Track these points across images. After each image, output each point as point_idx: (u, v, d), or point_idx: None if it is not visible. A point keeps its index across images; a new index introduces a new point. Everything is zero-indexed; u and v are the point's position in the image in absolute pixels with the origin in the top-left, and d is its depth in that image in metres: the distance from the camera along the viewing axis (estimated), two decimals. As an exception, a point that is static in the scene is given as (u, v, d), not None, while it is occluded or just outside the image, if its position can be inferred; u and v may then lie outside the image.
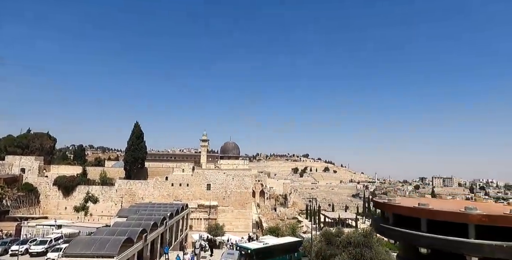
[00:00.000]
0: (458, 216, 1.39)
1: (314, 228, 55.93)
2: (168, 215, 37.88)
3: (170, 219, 38.61)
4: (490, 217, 1.33)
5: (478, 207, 1.64)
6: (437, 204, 1.64)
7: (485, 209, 1.47)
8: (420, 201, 1.58)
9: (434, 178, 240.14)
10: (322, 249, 29.98)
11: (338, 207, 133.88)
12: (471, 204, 1.63)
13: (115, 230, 27.56)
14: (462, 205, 1.54)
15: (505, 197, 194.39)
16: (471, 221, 1.45)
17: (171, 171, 71.95)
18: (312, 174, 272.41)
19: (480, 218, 1.32)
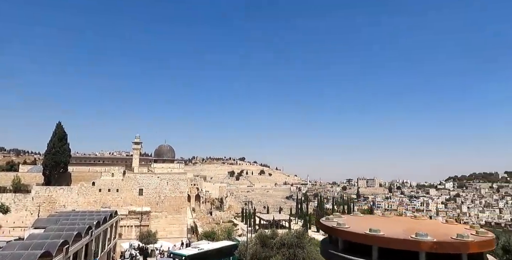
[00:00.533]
0: (410, 244, 1.43)
1: (250, 231, 56.41)
2: (95, 224, 34.97)
3: (97, 228, 35.68)
4: (440, 244, 1.39)
5: (420, 226, 1.68)
6: (385, 226, 1.67)
7: (429, 229, 1.54)
8: (371, 225, 1.57)
9: (359, 180, 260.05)
10: (257, 252, 30.35)
11: (273, 209, 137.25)
12: (414, 222, 1.68)
13: (29, 244, 24.50)
14: (408, 226, 1.58)
15: (417, 195, 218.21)
16: (423, 249, 1.49)
17: (98, 175, 66.68)
18: (248, 177, 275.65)
19: (432, 245, 1.38)
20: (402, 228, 1.69)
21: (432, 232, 1.62)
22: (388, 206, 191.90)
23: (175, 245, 45.54)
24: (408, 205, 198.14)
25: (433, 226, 1.82)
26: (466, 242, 1.44)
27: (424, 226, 1.83)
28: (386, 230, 1.59)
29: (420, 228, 1.75)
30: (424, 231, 1.62)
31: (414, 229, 1.66)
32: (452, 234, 1.55)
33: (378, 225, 1.81)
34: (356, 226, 1.70)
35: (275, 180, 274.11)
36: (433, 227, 1.77)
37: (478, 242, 1.48)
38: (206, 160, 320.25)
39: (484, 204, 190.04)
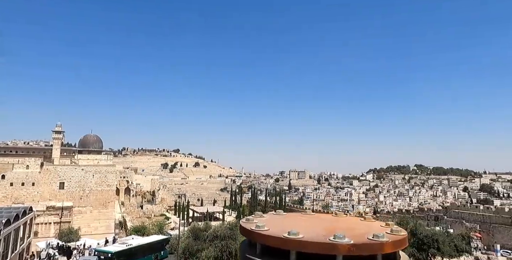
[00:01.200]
0: (328, 247, 1.42)
1: (182, 224, 55.54)
2: (3, 222, 31.16)
3: (6, 227, 31.86)
4: (357, 246, 1.41)
5: (339, 225, 1.72)
6: (305, 226, 1.65)
7: (347, 229, 1.57)
8: (291, 226, 1.52)
9: (291, 172, 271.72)
10: (190, 245, 30.04)
11: (207, 201, 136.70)
12: (334, 221, 1.72)
13: None
14: (328, 226, 1.59)
15: (342, 186, 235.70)
16: (340, 252, 1.48)
17: (10, 167, 59.39)
18: (183, 170, 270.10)
19: (348, 248, 1.39)
20: (322, 229, 1.70)
21: (349, 232, 1.66)
22: (316, 196, 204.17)
23: (98, 243, 42.75)
24: (334, 195, 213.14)
25: (351, 224, 1.88)
26: (381, 243, 1.51)
27: (343, 225, 1.88)
28: (305, 231, 1.58)
29: (339, 228, 1.79)
30: (342, 232, 1.66)
31: (333, 230, 1.69)
32: (369, 233, 1.61)
33: (299, 225, 1.80)
34: (275, 228, 1.67)
35: (210, 172, 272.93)
36: (351, 226, 1.83)
37: (392, 242, 1.56)
38: (138, 152, 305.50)
39: (397, 194, 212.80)
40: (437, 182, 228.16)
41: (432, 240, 32.99)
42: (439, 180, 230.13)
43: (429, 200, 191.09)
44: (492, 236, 52.57)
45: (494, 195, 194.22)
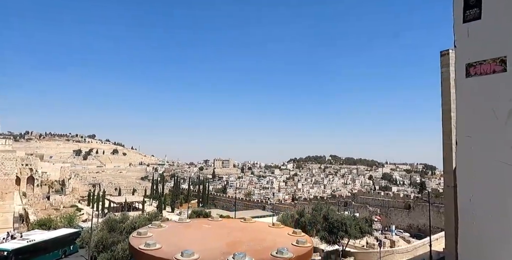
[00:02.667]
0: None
1: (96, 215, 51.80)
2: None
3: None
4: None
5: (246, 233, 1.57)
6: (205, 239, 1.43)
7: (252, 240, 1.45)
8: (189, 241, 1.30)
9: (215, 160, 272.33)
10: (104, 238, 28.21)
11: (126, 190, 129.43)
12: (241, 230, 1.57)
13: None
14: (232, 238, 1.42)
15: (264, 175, 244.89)
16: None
17: None
18: (99, 157, 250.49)
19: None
20: (224, 243, 1.52)
21: (253, 247, 1.52)
22: (239, 185, 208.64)
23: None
24: (257, 183, 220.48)
25: (258, 234, 1.74)
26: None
27: (248, 235, 1.73)
28: (204, 248, 1.39)
29: (243, 240, 1.63)
30: (246, 247, 1.50)
31: (236, 244, 1.52)
32: (274, 247, 1.48)
33: (199, 239, 1.59)
34: (170, 245, 1.43)
35: (130, 160, 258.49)
36: (257, 236, 1.69)
37: (296, 257, 1.46)
38: (44, 136, 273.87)
39: (313, 182, 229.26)
40: (348, 171, 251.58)
41: (341, 224, 36.27)
42: (350, 170, 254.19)
43: (340, 188, 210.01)
44: (389, 218, 60.11)
45: (393, 182, 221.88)
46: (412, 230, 55.04)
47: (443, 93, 22.18)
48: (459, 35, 2.34)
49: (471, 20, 2.30)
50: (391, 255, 37.62)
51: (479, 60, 2.17)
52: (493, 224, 1.95)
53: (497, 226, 1.93)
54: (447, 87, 21.83)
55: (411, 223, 57.33)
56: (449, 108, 21.62)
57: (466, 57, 2.26)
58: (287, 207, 78.09)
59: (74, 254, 35.47)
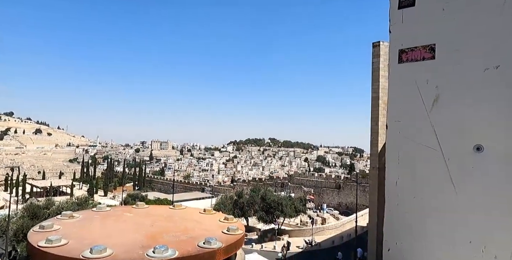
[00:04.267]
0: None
1: (15, 202, 47.13)
2: None
3: None
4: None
5: (173, 222, 1.45)
6: (123, 230, 1.26)
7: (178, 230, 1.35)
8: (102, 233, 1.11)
9: (153, 142, 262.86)
10: (25, 226, 25.94)
11: (51, 174, 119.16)
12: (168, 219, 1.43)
13: None
14: (154, 228, 1.28)
15: (204, 157, 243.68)
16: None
17: None
18: (18, 137, 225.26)
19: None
20: (144, 234, 1.36)
21: (179, 237, 1.38)
22: (178, 167, 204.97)
23: None
24: (196, 166, 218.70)
25: (187, 222, 1.61)
26: (213, 251, 1.31)
27: (175, 224, 1.58)
28: (120, 242, 1.22)
29: (168, 230, 1.48)
30: (169, 238, 1.36)
31: (158, 235, 1.37)
32: (202, 236, 1.37)
33: (116, 231, 1.40)
34: (79, 240, 1.23)
35: (56, 141, 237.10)
36: (185, 225, 1.55)
37: (225, 247, 1.37)
38: None
39: (253, 164, 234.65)
40: (285, 153, 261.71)
41: (278, 204, 37.88)
42: (287, 152, 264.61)
43: (278, 169, 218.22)
44: (322, 197, 64.34)
45: (326, 164, 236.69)
46: (341, 208, 59.72)
47: (373, 82, 23.83)
48: (394, 20, 2.37)
49: (405, 7, 2.34)
50: (322, 231, 40.53)
51: (411, 46, 2.23)
52: (414, 206, 2.07)
53: (418, 207, 2.05)
54: (377, 76, 23.46)
55: (340, 201, 62.09)
56: (377, 95, 23.34)
57: (399, 43, 2.31)
58: (226, 189, 79.11)
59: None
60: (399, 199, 2.16)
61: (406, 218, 2.13)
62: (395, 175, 2.18)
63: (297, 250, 33.65)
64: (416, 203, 2.12)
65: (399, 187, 2.16)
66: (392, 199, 2.19)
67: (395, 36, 2.29)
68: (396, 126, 2.20)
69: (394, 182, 2.18)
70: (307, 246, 35.34)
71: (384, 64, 23.38)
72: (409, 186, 2.15)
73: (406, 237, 2.13)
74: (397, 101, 2.25)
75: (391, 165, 2.26)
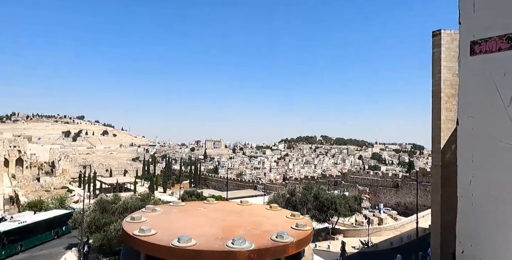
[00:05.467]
0: (224, 257, 1.23)
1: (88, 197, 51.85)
2: None
3: None
4: (258, 252, 1.27)
5: (243, 217, 1.53)
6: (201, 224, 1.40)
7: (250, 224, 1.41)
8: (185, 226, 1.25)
9: (206, 141, 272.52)
10: (96, 218, 28.38)
11: (117, 171, 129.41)
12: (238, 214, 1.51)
13: None
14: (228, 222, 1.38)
15: (256, 155, 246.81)
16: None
17: None
18: (88, 138, 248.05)
19: (248, 255, 1.24)
20: (221, 228, 1.48)
21: (252, 231, 1.47)
22: (231, 165, 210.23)
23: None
24: (248, 164, 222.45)
25: (255, 217, 1.69)
26: (285, 245, 1.36)
27: (246, 219, 1.68)
28: (201, 233, 1.34)
29: (241, 224, 1.58)
30: (244, 232, 1.45)
31: (234, 229, 1.47)
32: (273, 231, 1.44)
33: (195, 224, 1.53)
34: (165, 230, 1.37)
35: (120, 141, 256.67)
36: (255, 220, 1.64)
37: (297, 242, 1.42)
38: (32, 118, 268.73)
39: (304, 162, 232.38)
40: (338, 151, 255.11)
41: (331, 203, 37.12)
42: (340, 150, 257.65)
43: (330, 167, 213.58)
44: (378, 196, 61.71)
45: (382, 162, 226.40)
46: (400, 208, 56.74)
47: (434, 73, 22.16)
48: (464, 10, 2.23)
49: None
50: (379, 232, 38.89)
51: (485, 37, 2.08)
52: (491, 206, 1.94)
53: (496, 208, 1.92)
54: (438, 67, 21.79)
55: (398, 201, 59.00)
56: (439, 88, 21.69)
57: (471, 34, 2.16)
58: (278, 187, 79.36)
59: (67, 234, 35.70)
60: (474, 199, 2.05)
61: (482, 219, 2.01)
62: (468, 174, 2.06)
63: (352, 251, 32.73)
64: (493, 204, 1.99)
65: (473, 187, 2.04)
66: (465, 199, 2.08)
67: (465, 27, 2.16)
68: (468, 122, 2.08)
69: (467, 181, 2.06)
70: (363, 247, 34.19)
71: (446, 54, 21.65)
72: (485, 185, 2.02)
73: (482, 238, 2.01)
74: (469, 95, 2.12)
75: (463, 163, 2.13)
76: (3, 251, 27.62)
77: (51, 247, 31.72)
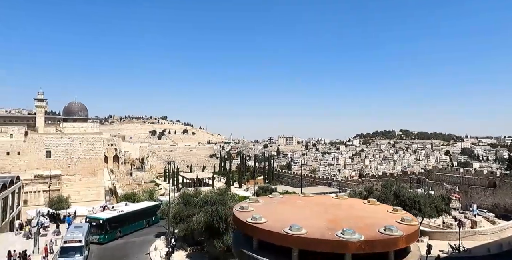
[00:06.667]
0: (336, 246, 1.25)
1: (172, 190, 56.32)
2: (-9, 192, 30.91)
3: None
4: (369, 244, 1.26)
5: (344, 213, 1.53)
6: (306, 215, 1.45)
7: (354, 218, 1.39)
8: (291, 216, 1.32)
9: (279, 138, 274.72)
10: (180, 210, 30.53)
11: (196, 167, 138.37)
12: (337, 207, 1.52)
13: None
14: (331, 215, 1.39)
15: (329, 152, 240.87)
16: (350, 250, 1.31)
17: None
18: (171, 137, 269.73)
19: (360, 245, 1.24)
20: (326, 219, 1.49)
21: (357, 224, 1.46)
22: (304, 162, 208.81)
23: (93, 208, 43.15)
24: (322, 160, 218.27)
25: (355, 211, 1.67)
26: (395, 238, 1.32)
27: (347, 213, 1.66)
28: (308, 224, 1.37)
29: (344, 217, 1.58)
30: (350, 224, 1.45)
31: (339, 221, 1.48)
32: (379, 224, 1.41)
33: (299, 215, 1.58)
34: (274, 220, 1.44)
35: (198, 139, 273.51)
36: (356, 214, 1.62)
37: (406, 236, 1.37)
38: (124, 119, 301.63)
39: (382, 158, 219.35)
40: (420, 146, 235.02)
41: (414, 202, 34.36)
42: (423, 145, 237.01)
43: (412, 164, 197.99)
44: (470, 197, 55.32)
45: (474, 158, 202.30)
46: (498, 210, 50.13)
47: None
48: None
49: None
50: (472, 236, 34.93)
51: None
52: None
53: None
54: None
55: (496, 202, 52.16)
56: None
57: None
58: (354, 184, 76.39)
59: (156, 224, 39.08)
60: None
61: None
62: None
63: (441, 255, 29.96)
64: None
65: None
66: None
67: None
68: None
69: None
70: (453, 251, 31.04)
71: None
72: None
73: None
74: None
75: None
76: (106, 236, 31.60)
77: (143, 234, 35.24)
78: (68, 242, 25.07)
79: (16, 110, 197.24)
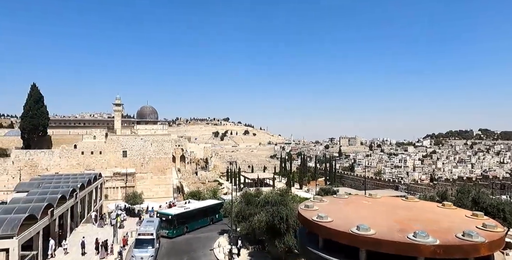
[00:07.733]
0: (408, 248, 1.17)
1: (235, 190, 57.85)
2: (79, 187, 34.94)
3: (81, 191, 35.73)
4: (445, 249, 1.16)
5: (414, 215, 1.43)
6: (373, 215, 1.38)
7: (426, 221, 1.29)
8: (358, 216, 1.26)
9: (341, 138, 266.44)
10: (242, 209, 31.23)
11: (257, 168, 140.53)
12: (406, 208, 1.42)
13: (12, 208, 24.35)
14: (401, 216, 1.31)
15: (396, 153, 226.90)
16: (423, 254, 1.22)
17: (80, 138, 65.58)
18: (233, 138, 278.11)
19: (434, 249, 1.15)
20: (395, 221, 1.42)
21: (430, 227, 1.36)
22: (368, 163, 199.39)
23: (161, 205, 46.46)
24: (387, 162, 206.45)
25: (428, 214, 1.55)
26: (476, 244, 1.20)
27: (418, 216, 1.55)
28: (376, 224, 1.32)
29: (415, 219, 1.48)
30: (422, 227, 1.36)
31: (409, 223, 1.39)
32: (456, 229, 1.29)
33: (366, 215, 1.52)
34: (340, 219, 1.40)
35: (259, 140, 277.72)
36: (429, 217, 1.50)
37: (489, 243, 1.24)
38: (190, 121, 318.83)
39: (457, 160, 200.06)
40: (505, 147, 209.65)
41: (497, 210, 30.66)
42: (508, 146, 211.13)
43: (494, 167, 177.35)
44: None
45: None
46: None
47: None
48: None
49: None
50: None
51: None
52: None
53: None
54: None
55: None
56: None
57: None
58: (425, 188, 70.89)
59: (219, 222, 40.46)
60: None
61: None
62: None
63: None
64: None
65: None
66: None
67: None
68: None
69: None
70: (549, 268, 27.03)
71: None
72: None
73: None
74: None
75: None
76: (174, 230, 33.68)
77: (207, 231, 36.78)
78: (142, 234, 27.24)
79: (98, 114, 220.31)
